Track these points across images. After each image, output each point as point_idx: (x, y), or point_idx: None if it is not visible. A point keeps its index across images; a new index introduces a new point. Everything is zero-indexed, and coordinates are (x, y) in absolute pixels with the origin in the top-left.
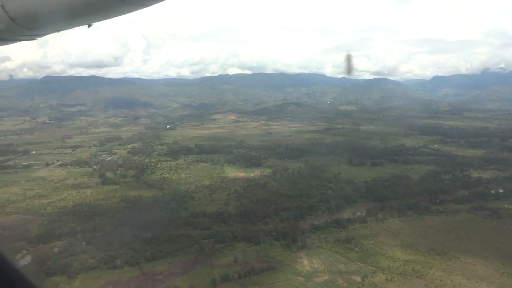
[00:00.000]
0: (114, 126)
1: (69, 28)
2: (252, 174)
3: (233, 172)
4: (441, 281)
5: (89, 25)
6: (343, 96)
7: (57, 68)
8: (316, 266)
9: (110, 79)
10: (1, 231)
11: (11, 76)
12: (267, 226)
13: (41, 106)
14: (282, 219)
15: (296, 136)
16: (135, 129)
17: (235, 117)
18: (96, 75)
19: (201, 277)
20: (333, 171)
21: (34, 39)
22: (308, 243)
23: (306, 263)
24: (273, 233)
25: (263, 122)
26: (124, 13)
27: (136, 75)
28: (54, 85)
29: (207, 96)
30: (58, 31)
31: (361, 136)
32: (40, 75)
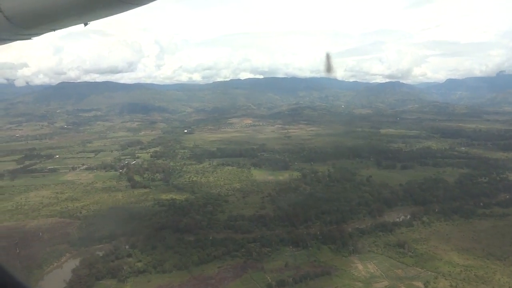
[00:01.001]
0: (132, 130)
1: (65, 27)
2: (281, 177)
3: (261, 175)
4: (510, 287)
5: (85, 24)
6: (356, 99)
7: (72, 74)
8: (372, 271)
9: (124, 85)
10: (40, 233)
11: (27, 82)
12: (309, 229)
13: (57, 111)
14: (324, 222)
15: (316, 139)
16: (153, 134)
17: (251, 121)
18: (110, 81)
19: (254, 282)
20: (363, 174)
21: (30, 39)
22: (359, 248)
23: (360, 268)
24: (320, 237)
25: (280, 126)
26: (120, 12)
27: (148, 81)
28: (69, 91)
29: (220, 100)
30: (54, 30)
31: (383, 139)
32: (55, 81)
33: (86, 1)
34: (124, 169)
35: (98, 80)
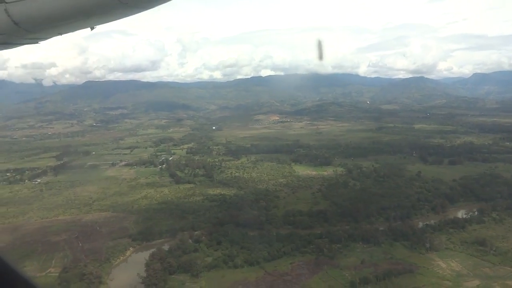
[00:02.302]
0: (161, 127)
1: (72, 31)
2: (325, 173)
3: (304, 171)
4: None
5: (92, 28)
6: (380, 95)
7: (97, 73)
8: (457, 270)
9: (147, 83)
10: (98, 227)
11: (54, 82)
12: (373, 225)
13: (85, 109)
14: (388, 218)
15: (349, 135)
16: (182, 131)
17: (278, 118)
18: (134, 79)
19: (333, 279)
20: (411, 169)
21: (37, 43)
22: (435, 245)
23: (443, 266)
24: (389, 233)
25: (308, 122)
26: (126, 16)
27: (170, 79)
28: (95, 90)
29: (243, 98)
30: (61, 34)
31: (419, 135)
32: (81, 80)
33: (93, 6)
34: (164, 165)
35: (122, 78)
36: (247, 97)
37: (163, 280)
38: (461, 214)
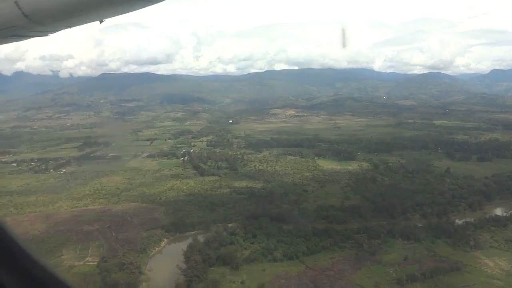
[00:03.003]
0: (177, 120)
1: (81, 24)
2: (350, 167)
3: (328, 165)
4: None
5: (101, 21)
6: (396, 90)
7: (113, 66)
8: (506, 269)
9: (162, 76)
10: (129, 218)
11: (70, 74)
12: (410, 221)
13: (101, 101)
14: (424, 214)
15: (368, 130)
16: (199, 123)
17: (294, 112)
18: (149, 72)
19: (377, 275)
20: (438, 165)
21: (46, 35)
22: (480, 243)
23: (491, 264)
24: (428, 230)
25: (325, 116)
26: (136, 9)
27: (183, 72)
28: (110, 82)
29: (257, 91)
30: (70, 27)
31: (441, 131)
32: (97, 72)
33: None
34: (186, 157)
35: (136, 71)
36: (262, 91)
37: (204, 272)
38: (500, 212)
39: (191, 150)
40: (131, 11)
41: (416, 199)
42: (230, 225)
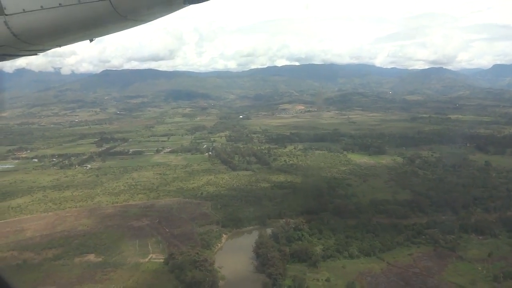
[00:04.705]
0: (187, 116)
1: (71, 43)
2: (383, 161)
3: (359, 159)
4: None
5: (91, 40)
6: (400, 86)
7: (115, 62)
8: None
9: (165, 72)
10: (176, 213)
11: (72, 71)
12: (473, 216)
13: (105, 98)
14: (487, 209)
15: (385, 125)
16: (210, 119)
17: (303, 107)
18: (151, 68)
19: (467, 273)
20: (474, 159)
21: (36, 54)
22: None
23: None
24: (500, 224)
25: (336, 112)
26: (125, 29)
27: (185, 68)
28: (113, 78)
29: (260, 87)
30: (60, 46)
31: (460, 125)
32: (98, 69)
33: (92, 19)
34: (211, 152)
35: (138, 67)
36: (265, 87)
37: (283, 269)
38: None
39: (213, 145)
40: (120, 31)
41: (471, 193)
42: (292, 220)
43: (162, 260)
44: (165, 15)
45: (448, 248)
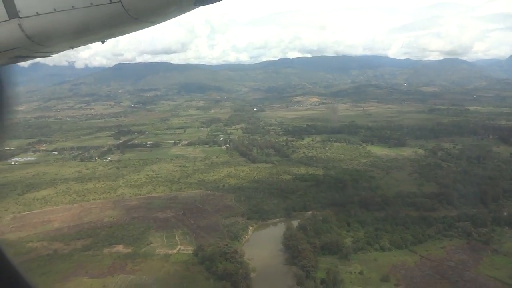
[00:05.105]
0: (201, 109)
1: (84, 45)
2: (404, 153)
3: (380, 151)
4: None
5: (103, 42)
6: (414, 77)
7: (129, 56)
8: None
9: (177, 65)
10: (199, 205)
11: (86, 64)
12: (504, 209)
13: (119, 91)
14: None
15: (402, 117)
16: (224, 112)
17: (317, 99)
18: (164, 61)
19: (505, 267)
20: (498, 151)
21: (49, 56)
22: None
23: None
24: None
25: (351, 104)
26: (137, 30)
27: (197, 61)
28: (126, 72)
29: (273, 80)
30: (72, 47)
31: (480, 117)
32: (112, 62)
33: (105, 21)
34: (228, 145)
35: (150, 60)
36: (277, 79)
37: (314, 262)
38: None
39: (230, 138)
40: (132, 32)
41: (500, 186)
42: (319, 213)
43: (191, 252)
44: (176, 16)
45: (482, 241)
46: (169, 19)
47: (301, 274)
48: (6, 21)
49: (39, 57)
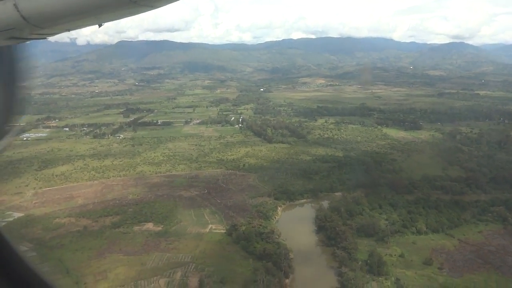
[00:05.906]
0: (207, 88)
1: (80, 28)
2: (421, 136)
3: (396, 134)
4: None
5: (100, 25)
6: (420, 61)
7: (131, 33)
8: None
9: (180, 44)
10: (222, 184)
11: (88, 41)
12: None
13: (122, 69)
14: None
15: (412, 100)
16: (230, 92)
17: (324, 81)
18: (167, 40)
19: None
20: None
21: (45, 38)
22: None
23: None
24: None
25: (359, 86)
26: (136, 14)
27: (199, 40)
28: (128, 50)
29: (277, 60)
30: (69, 30)
31: (491, 101)
32: (114, 39)
33: (103, 3)
34: (241, 124)
35: (153, 38)
36: (281, 60)
37: (354, 244)
38: None
39: (242, 118)
40: (131, 15)
41: None
42: (349, 194)
43: (223, 231)
44: (176, 1)
45: None
46: (169, 3)
47: (343, 256)
48: (1, 1)
49: (35, 38)
